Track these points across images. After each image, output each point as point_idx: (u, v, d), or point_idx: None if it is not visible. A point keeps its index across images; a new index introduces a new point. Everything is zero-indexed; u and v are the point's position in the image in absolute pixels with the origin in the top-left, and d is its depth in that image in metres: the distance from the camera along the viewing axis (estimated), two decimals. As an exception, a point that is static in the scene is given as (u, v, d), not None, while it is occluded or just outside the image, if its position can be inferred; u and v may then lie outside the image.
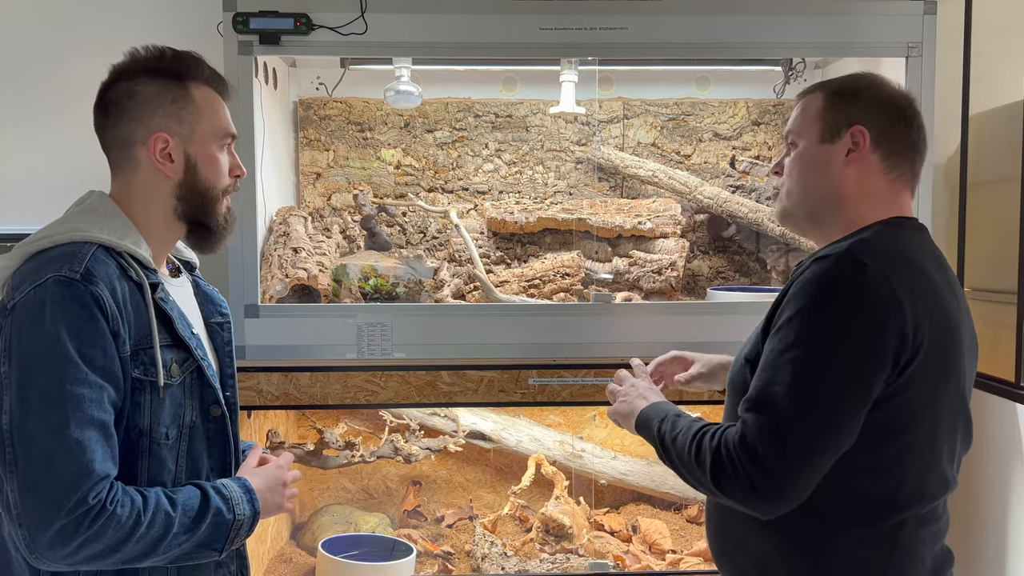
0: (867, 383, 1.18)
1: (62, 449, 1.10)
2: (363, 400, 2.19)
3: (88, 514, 1.10)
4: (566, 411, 2.79)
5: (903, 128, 1.33)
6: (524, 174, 2.74)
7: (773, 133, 2.77)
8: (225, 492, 1.26)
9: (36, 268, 1.18)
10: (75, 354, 1.13)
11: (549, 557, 2.41)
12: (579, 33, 2.14)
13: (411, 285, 2.32)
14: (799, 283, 1.23)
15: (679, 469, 1.31)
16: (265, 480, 1.34)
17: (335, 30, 2.09)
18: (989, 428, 2.12)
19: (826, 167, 1.33)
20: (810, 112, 1.36)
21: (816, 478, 1.18)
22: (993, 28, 2.33)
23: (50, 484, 1.10)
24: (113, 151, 1.30)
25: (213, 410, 1.32)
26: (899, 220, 1.32)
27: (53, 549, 1.10)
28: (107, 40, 2.56)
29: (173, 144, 1.27)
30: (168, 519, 1.17)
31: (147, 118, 1.26)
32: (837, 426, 1.17)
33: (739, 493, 1.18)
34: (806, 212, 1.37)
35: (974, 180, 2.36)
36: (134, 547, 1.14)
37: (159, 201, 1.29)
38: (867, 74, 1.40)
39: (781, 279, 2.60)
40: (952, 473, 1.31)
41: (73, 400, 1.12)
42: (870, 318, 1.18)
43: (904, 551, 1.26)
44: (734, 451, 1.18)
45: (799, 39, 2.19)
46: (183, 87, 1.28)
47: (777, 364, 1.20)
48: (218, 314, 1.44)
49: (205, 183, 1.30)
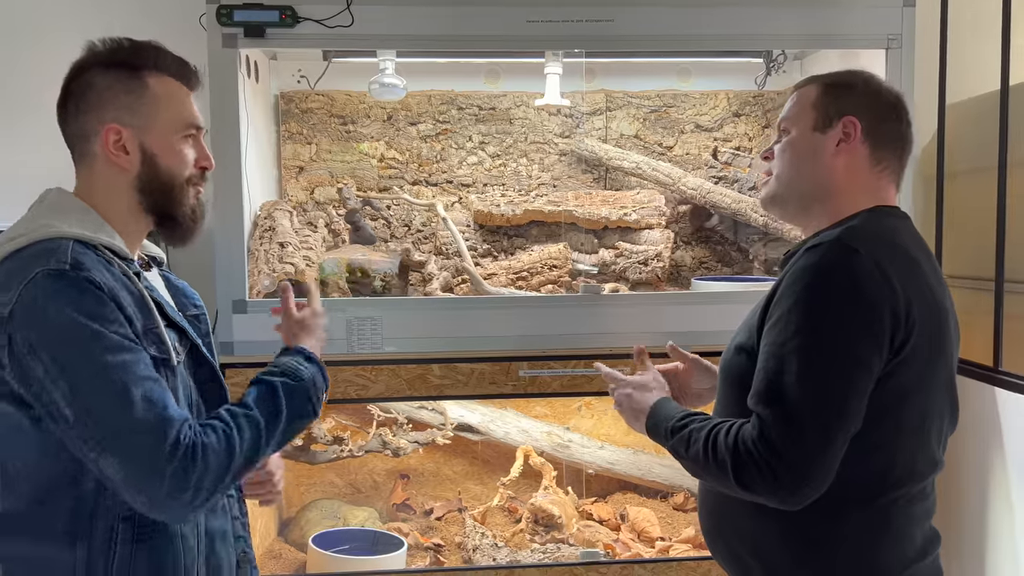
0: (869, 366, 1.21)
1: (135, 411, 1.11)
2: (354, 394, 2.18)
3: (187, 454, 1.11)
4: (553, 403, 2.81)
5: (894, 122, 1.37)
6: (508, 166, 2.75)
7: (754, 124, 2.80)
8: (279, 367, 1.31)
9: (19, 268, 1.15)
10: (97, 327, 1.12)
11: (540, 547, 2.43)
12: (566, 25, 2.15)
13: (388, 279, 2.31)
14: (793, 273, 1.25)
15: (697, 472, 1.32)
16: (309, 332, 1.41)
17: (321, 23, 2.08)
18: (969, 412, 2.16)
19: (816, 155, 1.36)
20: (805, 101, 1.40)
21: (836, 463, 1.20)
22: (968, 19, 2.38)
23: (141, 445, 1.10)
24: (74, 146, 1.28)
25: (210, 388, 1.33)
26: (884, 208, 1.36)
27: (175, 498, 1.11)
28: (86, 33, 2.54)
29: (127, 135, 1.24)
30: (252, 420, 1.21)
31: (99, 111, 1.24)
32: (848, 410, 1.20)
33: (764, 488, 1.19)
34: (794, 198, 1.40)
35: (951, 170, 2.41)
36: (241, 458, 1.18)
37: (120, 195, 1.27)
38: (862, 71, 1.44)
39: (763, 268, 2.64)
40: (940, 453, 1.35)
41: (119, 367, 1.12)
42: (865, 302, 1.20)
43: (895, 529, 1.29)
44: (753, 447, 1.19)
45: (782, 31, 2.22)
46: (139, 78, 1.25)
47: (782, 355, 1.21)
48: (192, 306, 1.43)
49: (166, 174, 1.27)
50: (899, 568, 1.29)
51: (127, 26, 2.03)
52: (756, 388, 1.24)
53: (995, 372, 2.13)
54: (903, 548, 1.29)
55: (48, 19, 2.54)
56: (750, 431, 1.21)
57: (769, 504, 1.22)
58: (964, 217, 2.42)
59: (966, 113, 2.44)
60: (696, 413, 1.36)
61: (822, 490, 1.20)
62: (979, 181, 2.34)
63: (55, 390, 1.11)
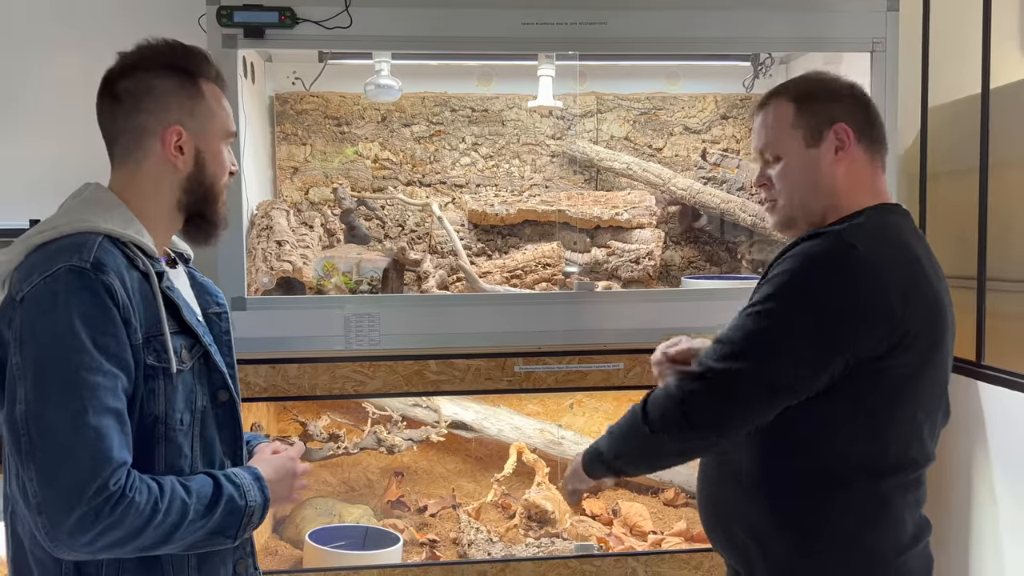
0: (833, 349, 1.26)
1: (80, 437, 1.10)
2: (351, 390, 2.21)
3: (108, 501, 1.10)
4: (545, 400, 2.85)
5: (873, 115, 1.42)
6: (501, 167, 2.78)
7: (741, 126, 2.86)
8: (236, 479, 1.27)
9: (44, 259, 1.18)
10: (89, 343, 1.14)
11: (534, 541, 2.46)
12: (560, 28, 2.19)
13: (373, 283, 2.34)
14: (789, 255, 1.30)
15: (647, 448, 1.41)
16: (275, 469, 1.35)
17: (320, 24, 2.11)
18: (953, 405, 2.21)
19: (817, 170, 1.39)
20: (782, 123, 1.41)
21: (753, 419, 1.30)
22: (950, 24, 2.45)
23: (70, 472, 1.10)
24: (120, 140, 1.29)
25: (221, 395, 1.34)
26: (887, 206, 1.39)
27: (73, 537, 1.10)
28: (85, 36, 2.56)
29: (186, 138, 1.28)
30: (184, 506, 1.18)
31: (163, 111, 1.27)
32: (784, 380, 1.27)
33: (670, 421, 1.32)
34: (807, 215, 1.41)
35: (933, 170, 2.47)
36: (152, 534, 1.15)
37: (165, 193, 1.30)
38: (819, 74, 1.47)
39: (750, 268, 2.69)
40: (932, 446, 1.38)
41: (89, 388, 1.12)
42: (851, 292, 1.25)
43: (890, 516, 1.33)
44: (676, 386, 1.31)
45: (771, 34, 2.27)
46: (196, 84, 1.29)
47: (752, 313, 1.29)
48: (215, 304, 1.45)
49: (212, 178, 1.32)
50: (894, 554, 1.33)
51: (126, 27, 2.05)
52: (719, 333, 1.32)
53: (978, 367, 2.19)
54: (897, 534, 1.33)
55: (47, 20, 2.55)
56: (694, 368, 1.32)
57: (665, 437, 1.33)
58: (946, 217, 2.48)
59: (948, 115, 2.50)
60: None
61: (719, 442, 1.33)
62: (961, 182, 2.40)
63: (19, 384, 1.13)
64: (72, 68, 2.54)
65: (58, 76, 2.56)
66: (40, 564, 1.21)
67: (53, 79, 2.56)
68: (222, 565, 1.32)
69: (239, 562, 1.35)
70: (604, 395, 2.85)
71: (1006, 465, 2.06)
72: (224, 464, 1.34)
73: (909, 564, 1.35)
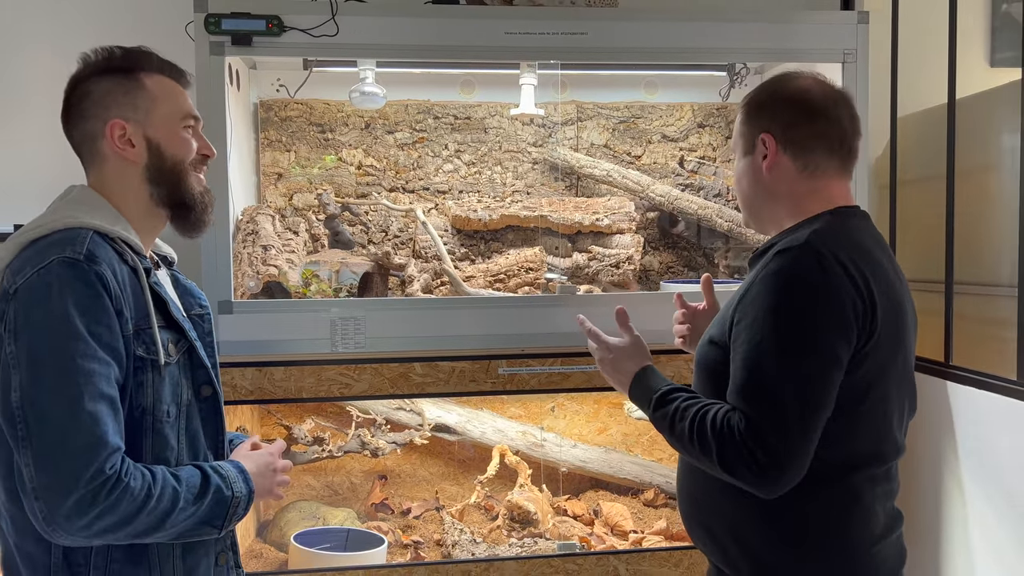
0: (839, 360, 1.30)
1: (77, 422, 1.13)
2: (337, 393, 2.24)
3: (105, 485, 1.13)
4: (527, 403, 2.89)
5: (806, 123, 1.41)
6: (483, 174, 2.83)
7: (717, 135, 2.93)
8: (222, 471, 1.31)
9: (37, 253, 1.21)
10: (84, 330, 1.17)
11: (517, 542, 2.50)
12: (542, 38, 2.24)
13: (352, 290, 2.38)
14: (765, 277, 1.34)
15: (679, 447, 1.41)
16: (256, 464, 1.39)
17: (307, 32, 2.15)
18: (922, 404, 2.27)
19: (754, 176, 1.46)
20: (736, 128, 1.50)
21: (812, 451, 1.29)
22: (918, 36, 2.53)
23: (67, 456, 1.12)
24: (82, 149, 1.35)
25: (204, 390, 1.37)
26: (845, 209, 1.44)
27: (70, 520, 1.12)
28: (72, 42, 2.57)
29: (131, 129, 1.31)
30: (175, 493, 1.22)
31: (102, 111, 1.31)
32: (823, 402, 1.29)
33: (747, 475, 1.27)
34: (755, 217, 1.52)
35: (903, 178, 2.55)
36: (144, 520, 1.18)
37: (132, 189, 1.33)
38: (779, 76, 1.49)
39: (727, 272, 2.76)
40: (901, 438, 1.44)
41: (84, 374, 1.15)
42: (833, 302, 1.30)
43: (862, 508, 1.38)
44: (740, 438, 1.27)
45: (746, 45, 2.34)
46: (135, 78, 1.33)
47: (759, 355, 1.30)
48: (198, 306, 1.48)
49: (172, 160, 1.34)
50: (867, 545, 1.38)
51: (113, 34, 2.05)
52: (737, 384, 1.31)
53: (946, 367, 2.26)
54: (870, 526, 1.38)
55: (33, 29, 2.57)
56: (736, 421, 1.28)
57: (748, 490, 1.30)
58: (915, 222, 2.56)
59: (916, 125, 2.59)
60: (680, 388, 1.44)
61: (799, 478, 1.28)
62: (928, 189, 2.48)
63: (14, 373, 1.15)
64: (57, 74, 2.55)
65: (39, 82, 2.57)
66: (28, 558, 1.23)
67: (34, 85, 2.57)
68: (205, 556, 1.35)
69: (221, 554, 1.39)
70: (584, 398, 2.90)
71: (973, 461, 2.13)
72: (207, 457, 1.37)
73: (883, 553, 1.40)
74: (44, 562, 1.23)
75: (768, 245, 1.42)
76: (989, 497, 2.07)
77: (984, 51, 2.81)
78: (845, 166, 1.45)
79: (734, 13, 2.32)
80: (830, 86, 1.46)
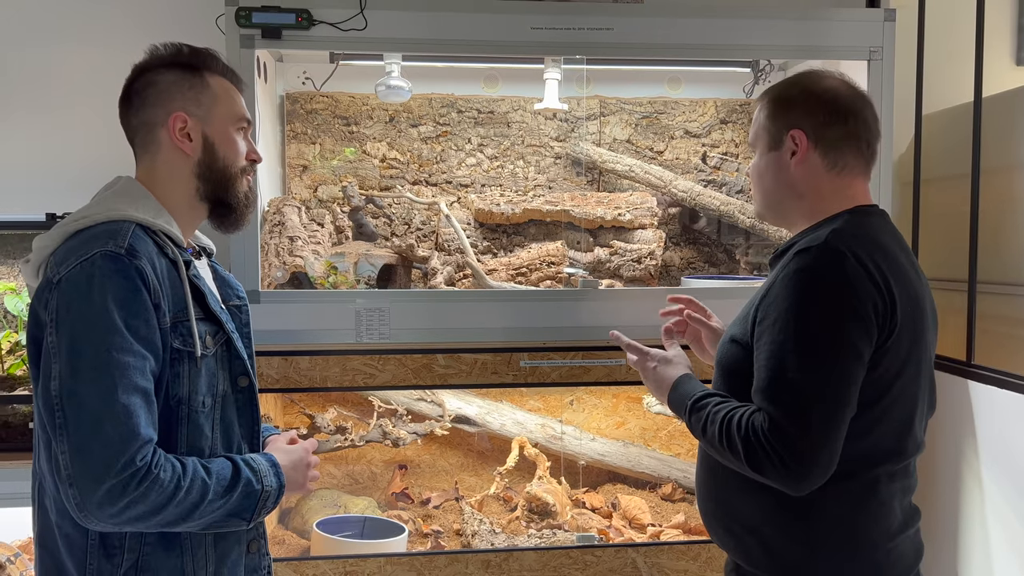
0: (861, 357, 1.31)
1: (111, 413, 1.17)
2: (361, 383, 2.27)
3: (135, 475, 1.17)
4: (546, 397, 2.91)
5: (839, 123, 1.43)
6: (505, 168, 2.85)
7: (740, 131, 2.93)
8: (254, 465, 1.34)
9: (80, 244, 1.25)
10: (121, 324, 1.20)
11: (536, 533, 2.52)
12: (568, 32, 2.25)
13: (370, 281, 2.40)
14: (785, 276, 1.35)
15: (712, 451, 1.43)
16: (290, 458, 1.42)
17: (335, 25, 2.17)
18: (944, 403, 2.30)
19: (777, 172, 1.47)
20: (758, 123, 1.50)
21: (839, 448, 1.30)
22: (945, 35, 2.52)
23: (100, 446, 1.16)
24: (137, 136, 1.38)
25: (241, 380, 1.40)
26: (863, 208, 1.45)
27: (102, 508, 1.16)
28: (106, 34, 2.62)
29: (191, 124, 1.36)
30: (204, 485, 1.25)
31: (167, 102, 1.36)
32: (847, 400, 1.31)
33: (775, 474, 1.29)
34: (771, 212, 1.53)
35: (926, 176, 2.55)
36: (174, 510, 1.21)
37: (181, 181, 1.38)
38: (805, 74, 1.50)
39: (747, 269, 2.76)
40: (921, 434, 1.45)
41: (120, 367, 1.19)
42: (854, 301, 1.31)
43: (880, 503, 1.39)
44: (764, 439, 1.29)
45: (771, 42, 2.34)
46: (200, 76, 1.38)
47: (783, 354, 1.31)
48: (236, 297, 1.51)
49: (223, 162, 1.39)
50: (884, 540, 1.39)
51: (146, 27, 2.10)
52: (761, 384, 1.33)
53: (968, 366, 2.26)
54: (887, 521, 1.39)
55: (69, 23, 2.61)
56: (761, 422, 1.30)
57: (777, 487, 1.31)
58: (939, 221, 2.56)
59: (942, 123, 2.58)
60: (712, 393, 1.46)
61: (828, 475, 1.30)
62: (953, 187, 2.47)
63: (54, 361, 1.19)
64: (92, 65, 2.60)
65: (78, 73, 2.62)
66: (67, 538, 1.27)
67: (73, 76, 2.62)
68: (236, 544, 1.38)
69: (252, 542, 1.42)
70: (603, 392, 2.92)
71: (993, 459, 2.13)
72: (242, 447, 1.40)
73: (899, 549, 1.41)
74: (81, 544, 1.27)
75: (788, 244, 1.44)
76: (1008, 495, 2.07)
77: (1011, 50, 2.79)
78: (869, 166, 1.48)
79: (760, 10, 2.33)
80: (855, 87, 1.48)
